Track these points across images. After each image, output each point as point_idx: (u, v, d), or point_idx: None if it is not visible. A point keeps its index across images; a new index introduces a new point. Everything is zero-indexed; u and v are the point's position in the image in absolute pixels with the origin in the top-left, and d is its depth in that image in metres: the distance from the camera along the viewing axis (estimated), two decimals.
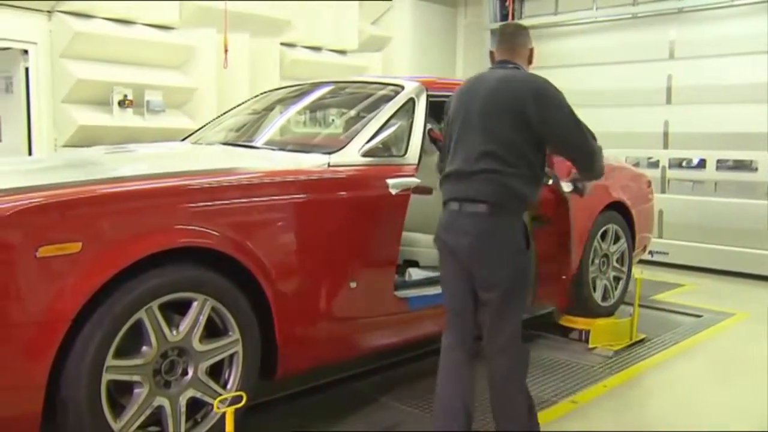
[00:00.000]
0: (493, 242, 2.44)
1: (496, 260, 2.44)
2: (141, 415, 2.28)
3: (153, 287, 2.27)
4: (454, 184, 2.51)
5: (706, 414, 3.43)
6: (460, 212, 2.47)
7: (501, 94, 2.50)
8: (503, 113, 2.45)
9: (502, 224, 2.44)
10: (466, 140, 2.51)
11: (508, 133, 2.45)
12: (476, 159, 2.45)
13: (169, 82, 5.92)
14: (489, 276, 2.45)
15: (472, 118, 2.51)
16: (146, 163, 3.10)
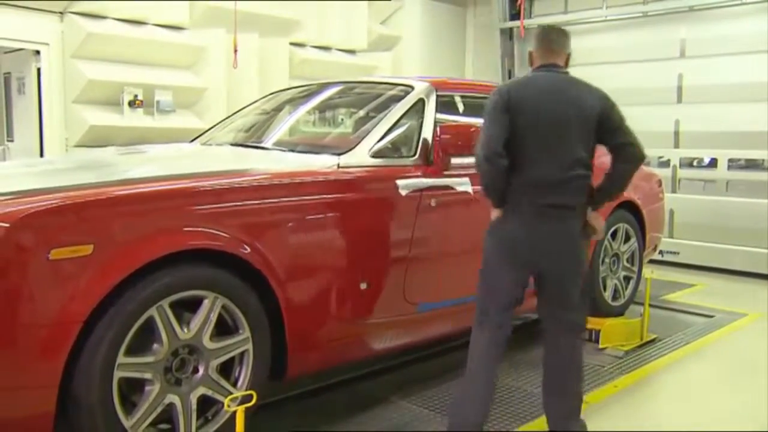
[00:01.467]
0: (571, 240, 2.68)
1: (572, 257, 2.68)
2: (152, 413, 2.29)
3: (164, 286, 2.28)
4: (542, 189, 2.60)
5: (717, 415, 3.42)
6: (543, 215, 2.61)
7: (578, 102, 2.67)
8: (585, 122, 2.65)
9: (576, 224, 2.68)
10: (552, 147, 2.61)
11: (588, 141, 2.67)
12: (569, 167, 2.61)
13: (179, 82, 5.96)
14: (564, 272, 2.68)
15: (554, 125, 2.61)
16: (157, 165, 3.11)
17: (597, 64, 7.94)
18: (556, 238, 2.63)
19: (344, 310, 2.86)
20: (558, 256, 2.65)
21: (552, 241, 2.63)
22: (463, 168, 3.37)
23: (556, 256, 2.65)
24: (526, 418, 3.14)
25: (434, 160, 3.24)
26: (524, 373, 3.72)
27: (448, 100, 3.61)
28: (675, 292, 5.87)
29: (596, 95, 2.73)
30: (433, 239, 3.20)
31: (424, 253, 3.14)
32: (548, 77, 2.74)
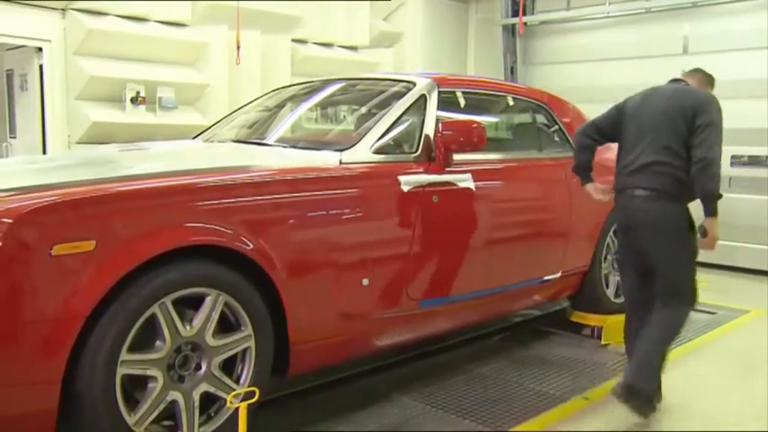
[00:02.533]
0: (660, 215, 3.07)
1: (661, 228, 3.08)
2: (155, 409, 2.30)
3: (166, 283, 2.28)
4: (636, 176, 3.12)
5: (720, 412, 3.41)
6: (637, 198, 3.10)
7: (671, 102, 3.13)
8: (672, 121, 3.05)
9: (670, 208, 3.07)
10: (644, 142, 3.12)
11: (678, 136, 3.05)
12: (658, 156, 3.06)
13: (181, 78, 5.96)
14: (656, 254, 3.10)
15: (648, 124, 3.14)
16: (159, 161, 3.12)
17: (599, 60, 7.94)
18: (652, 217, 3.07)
19: (346, 306, 2.86)
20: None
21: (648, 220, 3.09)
22: (465, 164, 3.37)
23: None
24: (528, 415, 3.13)
25: (436, 157, 3.24)
26: (526, 370, 3.72)
27: (450, 96, 3.60)
28: None
29: (694, 98, 3.10)
30: (435, 235, 3.20)
31: (426, 249, 3.13)
32: (664, 86, 3.32)
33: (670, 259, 3.09)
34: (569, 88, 7.04)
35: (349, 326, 2.91)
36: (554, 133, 4.36)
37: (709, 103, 3.04)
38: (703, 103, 3.04)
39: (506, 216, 3.70)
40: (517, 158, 3.97)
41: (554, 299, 4.35)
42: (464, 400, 3.27)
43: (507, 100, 4.21)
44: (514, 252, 3.74)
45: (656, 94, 3.24)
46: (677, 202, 3.07)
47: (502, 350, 4.08)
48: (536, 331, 4.49)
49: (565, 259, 4.04)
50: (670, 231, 3.06)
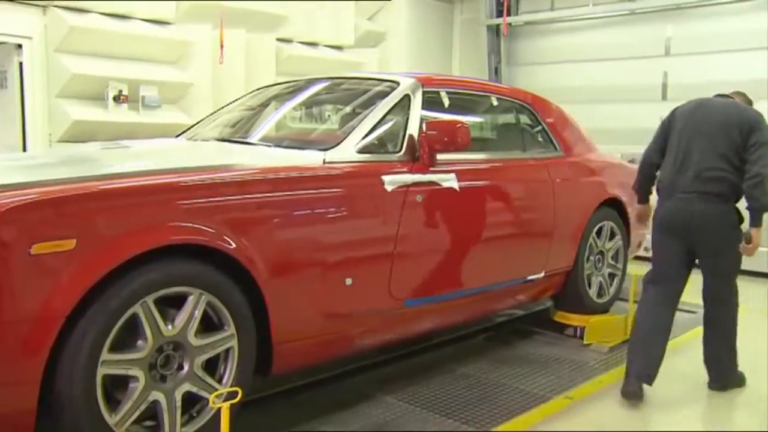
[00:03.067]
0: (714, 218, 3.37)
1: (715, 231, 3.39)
2: (137, 410, 2.28)
3: (148, 282, 2.27)
4: (693, 181, 3.38)
5: (701, 410, 3.45)
6: (691, 200, 3.37)
7: (727, 115, 3.43)
8: (727, 131, 3.36)
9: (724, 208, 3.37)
10: (698, 154, 3.39)
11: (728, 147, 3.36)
12: (713, 162, 3.34)
13: (164, 77, 5.91)
14: (713, 248, 3.42)
15: (704, 131, 3.42)
16: (141, 160, 3.09)
17: (583, 61, 8.00)
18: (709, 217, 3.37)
19: (329, 305, 2.85)
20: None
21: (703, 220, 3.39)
22: (449, 164, 3.37)
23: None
24: (511, 414, 3.14)
25: (420, 156, 3.24)
26: (509, 370, 3.73)
27: (434, 96, 3.61)
28: None
29: (751, 114, 3.42)
30: (419, 235, 3.20)
31: (409, 248, 3.13)
32: (714, 99, 3.64)
33: (728, 252, 3.42)
34: (553, 88, 7.09)
35: (333, 326, 2.91)
36: (538, 134, 4.38)
37: (762, 122, 3.38)
38: (758, 122, 3.37)
39: (490, 216, 3.71)
40: (501, 158, 3.98)
41: (537, 299, 4.37)
42: (447, 399, 3.28)
43: (491, 101, 4.23)
44: (497, 252, 3.76)
45: (710, 105, 3.56)
46: (731, 204, 3.39)
47: (485, 350, 4.09)
48: (519, 330, 4.51)
49: (548, 259, 4.06)
50: (725, 227, 3.39)
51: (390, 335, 3.27)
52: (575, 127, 4.69)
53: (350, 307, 2.95)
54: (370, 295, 3.02)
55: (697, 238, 3.41)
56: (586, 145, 4.68)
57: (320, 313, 2.83)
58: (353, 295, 2.93)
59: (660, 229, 3.55)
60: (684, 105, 3.63)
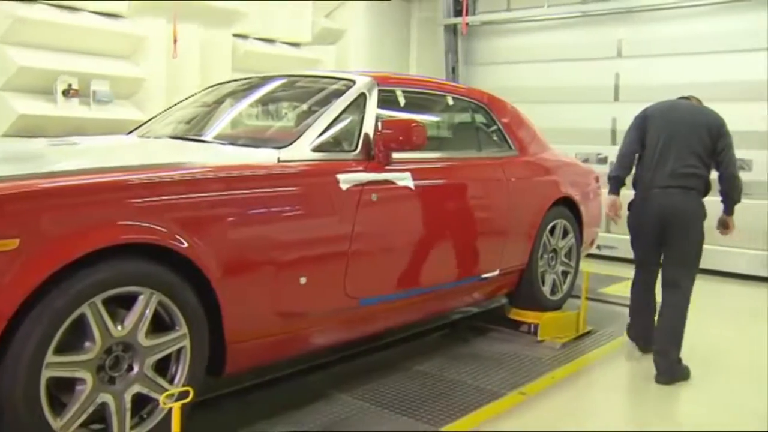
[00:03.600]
0: (686, 211, 3.75)
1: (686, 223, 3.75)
2: (83, 413, 2.22)
3: (96, 282, 2.21)
4: (668, 177, 3.77)
5: (648, 403, 3.53)
6: (667, 193, 3.76)
7: (696, 118, 3.84)
8: (698, 131, 3.77)
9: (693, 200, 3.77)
10: (674, 151, 3.78)
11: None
12: (687, 160, 3.74)
13: (117, 71, 5.78)
14: (681, 237, 3.75)
15: (678, 132, 3.81)
16: (90, 157, 3.02)
17: (538, 61, 8.11)
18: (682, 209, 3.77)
19: (284, 304, 2.83)
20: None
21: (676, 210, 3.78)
22: (404, 163, 3.38)
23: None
24: (466, 411, 3.17)
25: (375, 155, 3.24)
26: (465, 367, 3.76)
27: (390, 95, 3.61)
28: (611, 286, 6.04)
29: (714, 118, 3.84)
30: (374, 234, 3.20)
31: (364, 247, 3.13)
32: (681, 101, 4.09)
33: (693, 241, 3.77)
34: (509, 88, 7.17)
35: (287, 325, 2.89)
36: (493, 133, 4.43)
37: (726, 126, 3.83)
38: (724, 125, 3.81)
39: (445, 215, 3.73)
40: (457, 157, 4.01)
41: (493, 297, 4.42)
42: (403, 396, 3.29)
43: (447, 100, 4.25)
44: (453, 250, 3.78)
45: (680, 107, 3.98)
46: (700, 197, 3.79)
47: (441, 347, 4.12)
48: (475, 327, 4.55)
49: (503, 257, 4.11)
50: (696, 219, 3.76)
51: (345, 334, 3.27)
52: (530, 126, 4.76)
53: (305, 306, 2.94)
54: (324, 294, 3.01)
55: (669, 227, 3.76)
56: (541, 145, 4.75)
57: (274, 312, 2.81)
58: (308, 294, 2.91)
59: (638, 219, 3.94)
60: (655, 105, 4.04)
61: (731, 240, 4.41)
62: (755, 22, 6.65)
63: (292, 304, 2.87)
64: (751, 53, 6.66)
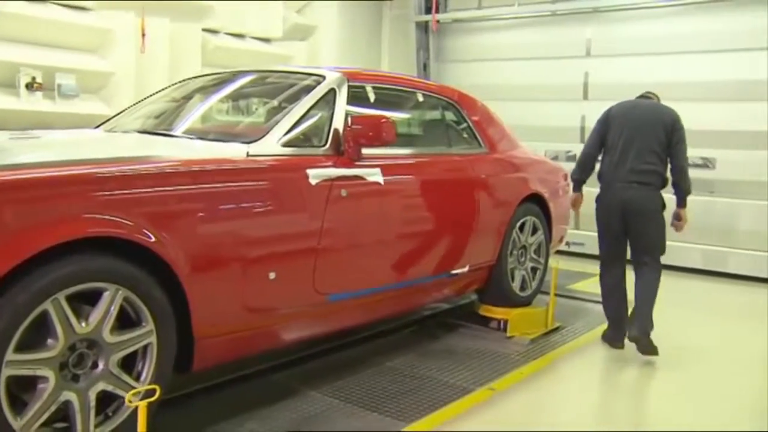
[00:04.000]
0: (647, 203, 4.10)
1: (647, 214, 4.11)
2: (46, 412, 2.17)
3: (60, 278, 2.17)
4: (628, 173, 4.12)
5: (616, 398, 3.59)
6: (628, 188, 4.10)
7: (654, 116, 4.17)
8: (655, 130, 4.10)
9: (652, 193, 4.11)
10: (635, 149, 4.12)
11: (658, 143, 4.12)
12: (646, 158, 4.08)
13: (83, 65, 5.67)
14: (643, 227, 4.11)
15: (638, 131, 4.13)
16: (54, 150, 2.95)
17: (508, 59, 8.16)
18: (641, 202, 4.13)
19: (252, 300, 2.81)
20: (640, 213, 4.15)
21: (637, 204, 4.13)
22: (374, 159, 3.38)
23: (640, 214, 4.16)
24: (435, 406, 3.18)
25: (345, 151, 3.24)
26: (435, 363, 3.78)
27: (360, 91, 3.61)
28: (579, 282, 6.12)
29: (672, 115, 4.16)
30: (344, 229, 3.19)
31: (334, 243, 3.13)
32: (641, 101, 4.39)
33: (655, 229, 4.13)
34: (480, 85, 7.22)
35: (256, 320, 2.87)
36: (463, 130, 4.45)
37: (680, 121, 4.14)
38: (678, 120, 4.13)
39: (415, 211, 3.75)
40: (427, 154, 4.02)
41: (462, 293, 4.44)
42: (373, 393, 3.30)
43: (417, 97, 4.26)
44: (422, 246, 3.79)
45: (640, 106, 4.29)
46: (659, 191, 4.13)
47: (411, 343, 4.13)
48: (445, 324, 4.57)
49: (472, 253, 4.13)
50: (656, 210, 4.11)
51: (315, 330, 3.26)
52: (500, 124, 4.79)
53: (274, 302, 2.92)
54: (294, 289, 2.99)
55: (632, 218, 4.11)
56: (510, 142, 4.79)
57: (243, 307, 2.78)
58: (277, 289, 2.90)
59: (603, 212, 4.27)
60: (617, 106, 4.33)
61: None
62: (718, 24, 6.79)
63: (260, 299, 2.85)
64: (714, 54, 6.80)
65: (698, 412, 3.35)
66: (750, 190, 6.65)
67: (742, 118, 6.61)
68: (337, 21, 8.10)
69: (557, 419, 3.28)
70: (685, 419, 3.25)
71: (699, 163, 6.88)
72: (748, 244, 6.67)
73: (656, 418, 3.36)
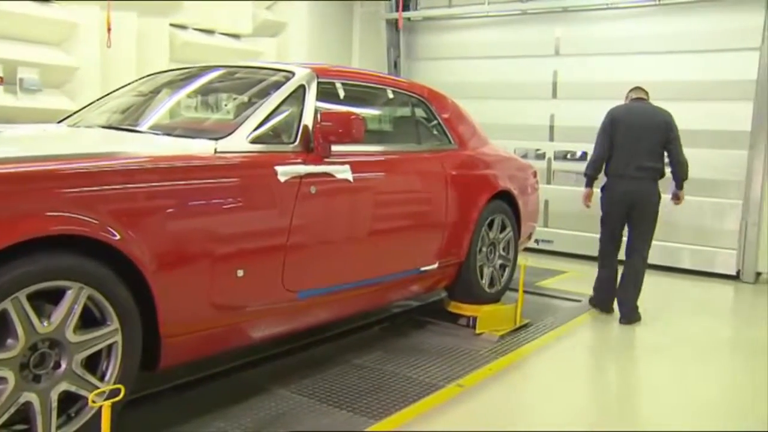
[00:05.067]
0: (649, 196, 4.86)
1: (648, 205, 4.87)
2: (5, 413, 2.12)
3: (20, 276, 2.12)
4: (636, 170, 4.84)
5: (584, 392, 3.63)
6: (637, 182, 4.84)
7: (651, 119, 4.89)
8: (654, 132, 4.85)
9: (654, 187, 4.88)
10: (638, 147, 4.86)
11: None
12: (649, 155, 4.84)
13: (47, 59, 5.55)
14: (643, 214, 4.88)
15: (640, 133, 4.86)
16: (15, 146, 2.88)
17: (478, 58, 8.21)
18: (642, 193, 4.89)
19: (220, 298, 2.78)
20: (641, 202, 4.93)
21: (639, 195, 4.89)
22: (343, 155, 3.37)
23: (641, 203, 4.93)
24: (404, 403, 3.18)
25: (314, 147, 3.22)
26: (404, 359, 3.78)
27: (329, 87, 3.59)
28: (548, 279, 6.18)
29: (665, 116, 4.91)
30: (313, 226, 3.18)
31: (303, 240, 3.11)
32: (637, 104, 5.07)
33: (652, 218, 4.88)
34: (450, 83, 7.24)
35: (224, 318, 2.84)
36: (433, 127, 4.46)
37: (674, 121, 4.87)
38: (672, 121, 4.86)
39: (384, 207, 3.74)
40: (396, 151, 4.02)
41: (432, 290, 4.45)
42: (342, 390, 3.29)
43: (387, 94, 4.25)
44: (391, 243, 3.79)
45: (637, 110, 4.96)
46: (656, 183, 4.87)
47: (380, 340, 4.13)
48: (414, 321, 4.58)
49: (441, 250, 4.15)
50: (656, 203, 4.87)
51: (283, 327, 3.24)
52: (470, 121, 4.81)
53: (242, 299, 2.89)
54: (262, 286, 2.97)
55: (634, 208, 4.85)
56: (480, 140, 4.81)
57: (211, 305, 2.75)
58: (245, 286, 2.87)
59: (611, 202, 4.96)
60: (618, 110, 5.03)
61: None
62: (686, 25, 6.90)
63: (228, 297, 2.82)
64: (681, 54, 6.92)
65: (668, 406, 3.41)
66: (718, 188, 6.77)
67: (709, 118, 6.75)
68: (307, 18, 8.05)
69: (525, 415, 3.30)
70: (655, 414, 3.31)
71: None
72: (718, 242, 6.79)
73: (624, 413, 3.41)
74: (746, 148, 6.61)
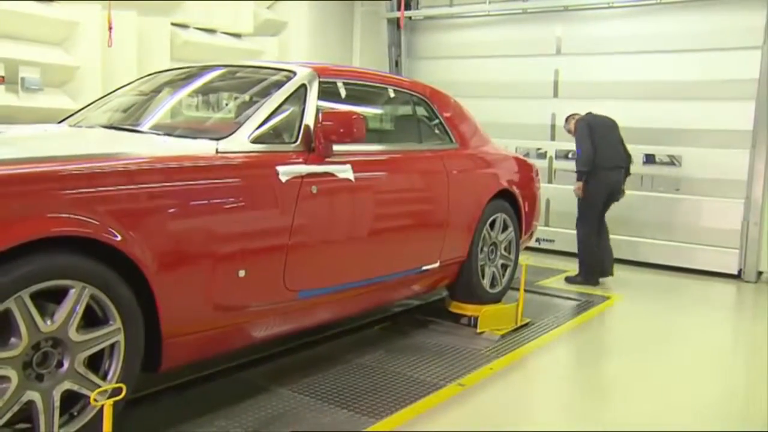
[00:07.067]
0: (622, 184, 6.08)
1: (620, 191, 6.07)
2: (7, 412, 2.13)
3: (24, 276, 2.12)
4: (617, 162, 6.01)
5: (585, 392, 3.63)
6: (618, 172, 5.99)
7: (611, 125, 6.11)
8: (617, 133, 6.08)
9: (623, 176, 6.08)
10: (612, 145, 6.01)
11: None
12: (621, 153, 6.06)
13: (48, 58, 5.56)
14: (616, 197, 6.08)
15: (610, 134, 6.03)
16: (16, 146, 2.89)
17: (479, 57, 8.20)
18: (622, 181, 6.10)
19: (222, 298, 2.78)
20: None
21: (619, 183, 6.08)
22: (345, 155, 3.37)
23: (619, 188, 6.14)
24: (405, 403, 3.19)
25: (316, 147, 3.22)
26: (405, 359, 3.79)
27: (331, 86, 3.59)
28: (549, 278, 6.18)
29: (615, 123, 6.15)
30: (314, 226, 3.18)
31: (304, 240, 3.11)
32: (596, 115, 6.19)
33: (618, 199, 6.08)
34: (452, 82, 7.24)
35: (225, 318, 2.85)
36: (435, 126, 4.46)
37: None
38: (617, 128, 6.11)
39: (386, 207, 3.74)
40: (398, 150, 4.02)
41: (433, 289, 4.46)
42: (343, 390, 3.29)
43: (389, 93, 4.26)
44: (393, 242, 3.79)
45: (601, 119, 6.08)
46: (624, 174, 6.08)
47: (381, 340, 4.13)
48: (416, 320, 4.58)
49: (443, 249, 4.14)
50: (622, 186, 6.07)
51: (284, 327, 3.24)
52: (471, 120, 4.81)
53: (243, 300, 2.90)
54: (263, 286, 2.97)
55: (613, 193, 5.99)
56: (482, 139, 4.81)
57: (212, 305, 2.76)
58: (246, 287, 2.87)
59: (599, 190, 5.91)
60: (589, 118, 6.04)
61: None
62: (686, 24, 6.90)
63: (230, 297, 2.83)
64: (682, 54, 6.91)
65: (669, 405, 3.41)
66: (719, 187, 6.77)
67: (711, 117, 6.75)
68: (308, 17, 8.06)
69: (526, 415, 3.31)
70: (655, 413, 3.31)
71: (666, 161, 7.01)
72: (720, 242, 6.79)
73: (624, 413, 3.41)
74: (748, 147, 6.61)
